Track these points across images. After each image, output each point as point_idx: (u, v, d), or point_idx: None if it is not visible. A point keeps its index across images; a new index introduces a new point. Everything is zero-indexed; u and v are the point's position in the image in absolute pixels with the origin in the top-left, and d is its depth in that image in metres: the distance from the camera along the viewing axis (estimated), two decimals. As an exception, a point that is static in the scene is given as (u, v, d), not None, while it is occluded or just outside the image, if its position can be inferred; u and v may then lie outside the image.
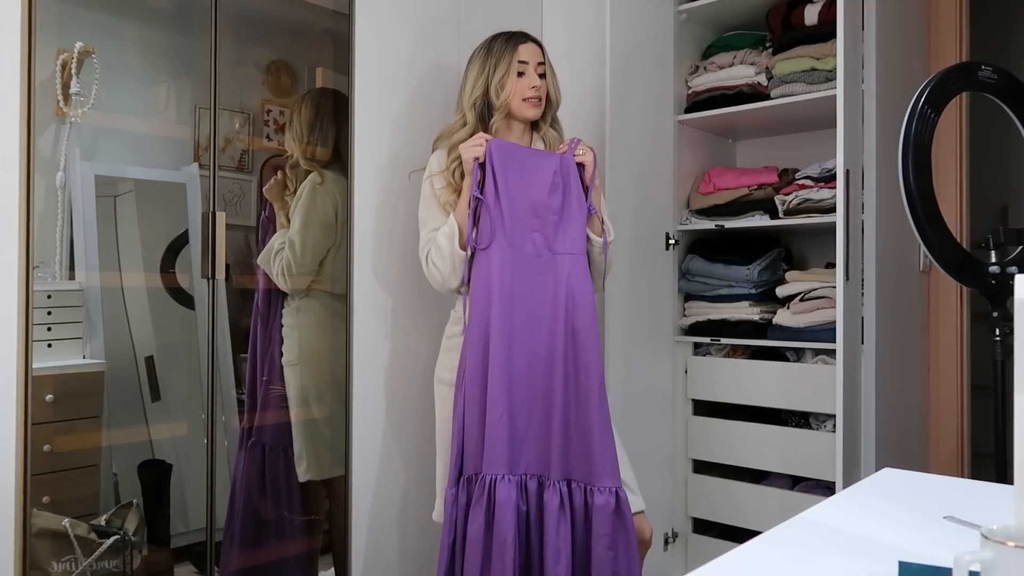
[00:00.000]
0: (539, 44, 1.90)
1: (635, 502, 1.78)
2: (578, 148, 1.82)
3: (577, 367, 1.73)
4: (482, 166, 1.77)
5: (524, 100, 1.85)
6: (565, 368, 1.73)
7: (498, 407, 1.70)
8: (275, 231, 2.12)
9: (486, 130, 1.85)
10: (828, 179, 2.38)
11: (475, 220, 1.79)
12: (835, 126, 2.05)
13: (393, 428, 2.11)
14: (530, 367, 1.74)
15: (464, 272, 1.80)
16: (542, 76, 1.87)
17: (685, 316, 2.66)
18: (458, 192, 1.83)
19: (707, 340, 2.63)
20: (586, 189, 1.82)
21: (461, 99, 1.91)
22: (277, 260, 2.08)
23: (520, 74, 1.85)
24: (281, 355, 2.14)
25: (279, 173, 2.14)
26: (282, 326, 2.14)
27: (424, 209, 1.89)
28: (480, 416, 1.72)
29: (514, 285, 1.75)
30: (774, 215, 2.50)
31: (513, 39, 1.88)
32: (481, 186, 1.77)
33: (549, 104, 1.91)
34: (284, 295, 2.15)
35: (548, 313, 1.75)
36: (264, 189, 2.14)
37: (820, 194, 2.40)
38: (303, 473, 2.12)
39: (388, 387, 2.10)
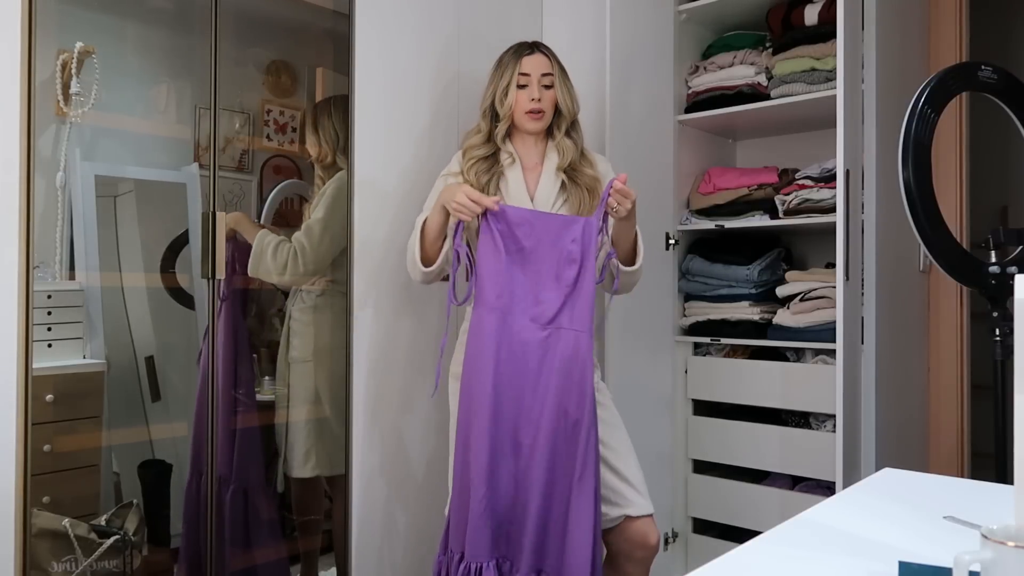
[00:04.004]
0: (549, 55, 1.88)
1: (643, 505, 1.78)
2: (611, 198, 1.66)
3: (567, 455, 1.62)
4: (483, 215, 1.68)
5: (526, 113, 1.84)
6: (553, 454, 1.62)
7: (480, 489, 1.60)
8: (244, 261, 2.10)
9: (492, 138, 1.86)
10: (828, 179, 2.38)
11: (466, 273, 1.74)
12: (835, 126, 2.05)
13: (394, 426, 2.11)
14: (517, 448, 1.65)
15: (420, 280, 1.80)
16: (548, 87, 1.85)
17: (685, 316, 2.66)
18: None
19: (707, 340, 2.63)
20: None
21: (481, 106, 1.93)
22: (281, 250, 2.03)
23: (522, 87, 1.84)
24: (287, 352, 2.15)
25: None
26: (292, 321, 2.15)
27: (428, 201, 1.89)
28: (465, 495, 1.64)
29: (511, 359, 1.64)
30: (774, 215, 2.50)
31: (520, 51, 1.87)
32: (463, 247, 1.71)
33: (560, 115, 1.88)
34: (287, 293, 2.15)
35: (541, 393, 1.64)
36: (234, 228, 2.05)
37: (820, 194, 2.40)
38: (310, 469, 2.12)
39: (389, 386, 2.10)
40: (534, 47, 1.88)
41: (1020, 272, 1.68)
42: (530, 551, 1.60)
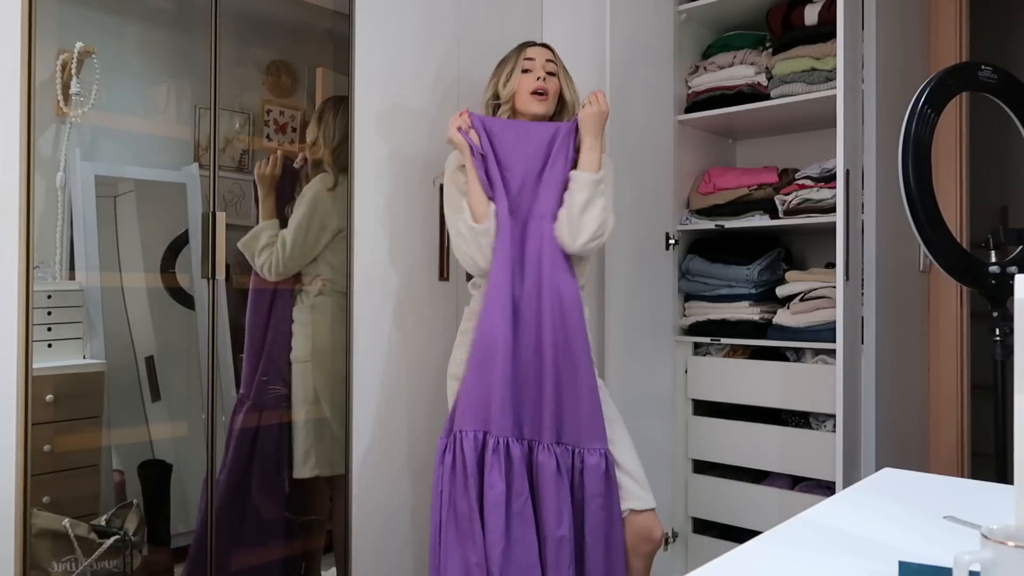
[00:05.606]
0: (551, 49, 1.93)
1: (646, 499, 1.80)
2: (587, 106, 1.81)
3: (566, 332, 1.76)
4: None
5: (531, 94, 1.85)
6: (555, 334, 1.76)
7: (503, 370, 1.73)
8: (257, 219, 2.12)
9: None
10: (828, 179, 2.38)
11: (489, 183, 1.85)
12: (835, 126, 2.05)
13: (394, 426, 2.11)
14: (525, 332, 1.78)
15: (487, 245, 1.81)
16: (552, 74, 1.88)
17: (685, 316, 2.66)
18: None
19: (707, 340, 2.63)
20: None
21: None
22: (264, 254, 2.08)
23: (526, 71, 1.87)
24: (290, 350, 2.15)
25: (271, 157, 2.14)
26: (292, 322, 2.15)
27: (448, 209, 1.90)
28: (486, 374, 1.75)
29: (513, 252, 1.79)
30: (774, 215, 2.50)
31: (524, 44, 1.92)
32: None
33: (564, 109, 1.91)
34: (292, 292, 2.15)
35: (537, 281, 1.79)
36: (257, 174, 2.12)
37: (820, 194, 2.40)
38: (310, 470, 2.12)
39: (389, 385, 2.10)
40: (536, 43, 1.94)
41: (1020, 272, 1.68)
42: (550, 424, 1.74)
